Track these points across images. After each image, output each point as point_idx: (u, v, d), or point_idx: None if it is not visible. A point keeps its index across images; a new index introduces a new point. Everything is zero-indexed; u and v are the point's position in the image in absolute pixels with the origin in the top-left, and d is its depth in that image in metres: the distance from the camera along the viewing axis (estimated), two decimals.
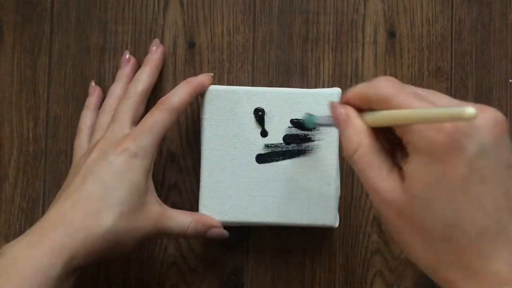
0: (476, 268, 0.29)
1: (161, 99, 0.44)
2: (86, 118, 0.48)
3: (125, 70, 0.48)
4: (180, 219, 0.43)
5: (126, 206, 0.41)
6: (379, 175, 0.31)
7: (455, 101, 0.31)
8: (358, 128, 0.32)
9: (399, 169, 0.31)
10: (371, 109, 0.33)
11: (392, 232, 0.32)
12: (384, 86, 0.32)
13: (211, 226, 0.44)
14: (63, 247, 0.38)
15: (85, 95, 0.49)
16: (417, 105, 0.30)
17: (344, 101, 0.34)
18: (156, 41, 0.49)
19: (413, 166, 0.30)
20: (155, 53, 0.48)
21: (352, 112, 0.33)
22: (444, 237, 0.29)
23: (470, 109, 0.26)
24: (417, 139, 0.29)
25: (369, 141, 0.32)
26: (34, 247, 0.38)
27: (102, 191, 0.41)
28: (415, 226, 0.30)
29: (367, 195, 0.49)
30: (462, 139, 0.28)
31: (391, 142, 0.33)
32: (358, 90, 0.33)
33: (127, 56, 0.49)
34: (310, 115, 0.41)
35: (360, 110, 0.33)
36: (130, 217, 0.41)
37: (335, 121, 0.34)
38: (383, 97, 0.31)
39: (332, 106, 0.35)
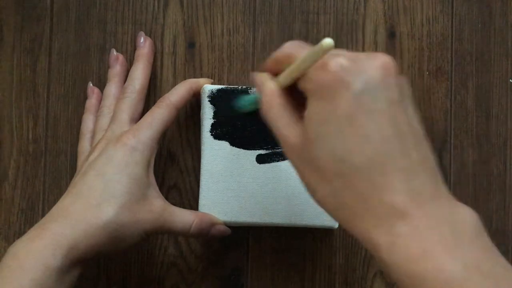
0: (372, 202, 0.29)
1: (160, 98, 0.45)
2: (88, 121, 0.48)
3: (116, 68, 0.48)
4: (183, 216, 0.43)
5: (127, 198, 0.41)
6: (287, 126, 0.33)
7: (355, 52, 0.33)
8: (269, 89, 0.35)
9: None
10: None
11: (300, 177, 0.33)
12: (286, 46, 0.35)
13: (215, 224, 0.45)
14: (64, 238, 0.38)
15: (85, 95, 0.49)
16: (303, 53, 0.32)
17: (263, 70, 0.37)
18: (142, 33, 0.49)
19: (308, 109, 0.32)
20: (144, 47, 0.48)
21: (265, 76, 0.36)
22: (337, 173, 0.30)
23: (327, 40, 0.30)
24: (309, 83, 0.32)
25: (279, 99, 0.34)
26: (35, 240, 0.38)
27: (103, 184, 0.41)
28: (312, 166, 0.32)
29: None
30: (347, 77, 0.30)
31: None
32: (272, 56, 0.36)
33: (115, 54, 0.49)
34: (243, 97, 0.44)
35: (278, 74, 0.36)
36: (132, 209, 0.41)
37: (256, 88, 0.37)
38: (286, 56, 0.34)
39: (252, 75, 0.38)
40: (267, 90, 0.35)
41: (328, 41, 0.30)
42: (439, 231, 0.28)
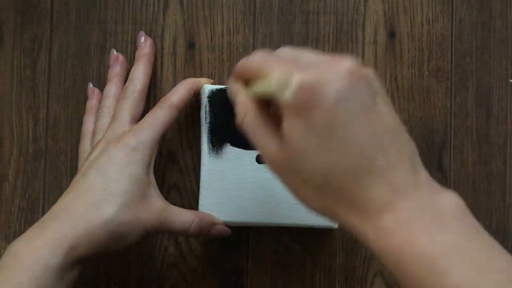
0: (360, 200, 0.31)
1: (161, 99, 0.45)
2: (89, 122, 0.48)
3: (116, 68, 0.48)
4: (183, 215, 0.43)
5: (128, 197, 0.41)
6: (264, 138, 0.34)
7: (319, 57, 0.33)
8: (243, 100, 0.35)
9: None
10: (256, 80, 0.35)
11: (283, 184, 0.34)
12: (254, 57, 0.35)
13: (215, 224, 0.45)
14: (64, 237, 0.38)
15: (85, 95, 0.49)
16: (274, 69, 0.32)
17: (236, 76, 0.37)
18: (142, 33, 0.49)
19: (286, 124, 0.32)
20: (145, 47, 0.48)
21: (238, 86, 0.36)
22: (324, 183, 0.32)
23: (287, 93, 0.30)
24: (284, 101, 0.32)
25: (253, 111, 0.34)
26: (35, 239, 0.38)
27: (103, 183, 0.41)
28: (298, 178, 0.33)
29: None
30: (319, 90, 0.30)
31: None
32: (240, 65, 0.36)
33: (115, 54, 0.49)
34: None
35: (249, 81, 0.36)
36: (132, 208, 0.41)
37: (231, 96, 0.37)
38: (254, 69, 0.34)
39: (228, 82, 0.38)
40: (241, 103, 0.35)
41: (287, 96, 0.30)
42: (420, 217, 0.30)
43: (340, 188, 0.31)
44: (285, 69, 0.31)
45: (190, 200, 0.49)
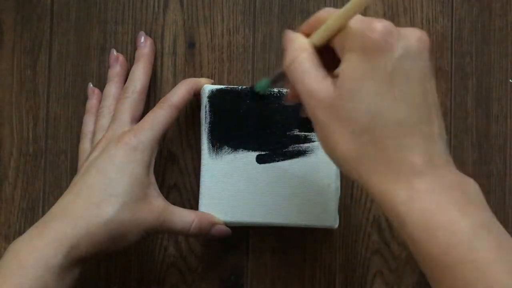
0: (393, 159, 0.32)
1: (162, 99, 0.45)
2: (89, 122, 0.48)
3: (116, 68, 0.48)
4: (184, 215, 0.43)
5: (128, 196, 0.41)
6: (314, 80, 0.34)
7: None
8: (298, 44, 0.35)
9: (334, 76, 0.34)
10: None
11: (321, 131, 0.34)
12: (322, 11, 0.36)
13: (215, 224, 0.45)
14: (65, 236, 0.38)
15: (85, 95, 0.49)
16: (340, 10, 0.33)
17: (298, 29, 0.37)
18: (142, 33, 0.49)
19: (345, 64, 0.33)
20: (145, 47, 0.48)
21: (298, 34, 0.36)
22: (368, 127, 0.32)
23: None
24: (352, 39, 0.32)
25: (307, 54, 0.35)
26: (36, 238, 0.39)
27: (104, 182, 0.41)
28: (342, 119, 0.33)
29: (367, 195, 0.49)
30: (392, 40, 0.31)
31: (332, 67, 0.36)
32: (306, 22, 0.37)
33: (115, 54, 0.49)
34: (261, 80, 0.44)
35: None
36: (133, 208, 0.41)
37: (284, 44, 0.37)
38: (323, 17, 0.35)
39: (284, 32, 0.37)
40: (297, 45, 0.35)
41: None
42: (451, 192, 0.31)
43: (379, 138, 0.32)
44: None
45: (190, 200, 0.49)
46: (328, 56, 0.35)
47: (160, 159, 0.49)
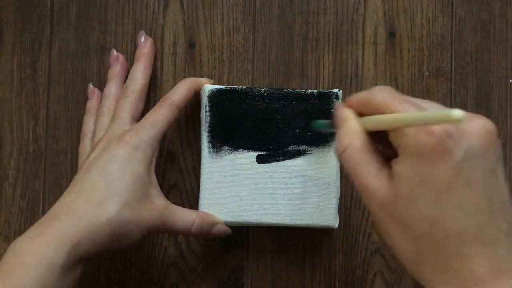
0: (454, 268, 0.30)
1: (162, 98, 0.45)
2: (89, 122, 0.48)
3: (116, 68, 0.48)
4: (185, 215, 0.44)
5: (130, 195, 0.41)
6: (368, 173, 0.33)
7: (446, 108, 0.32)
8: (352, 129, 0.34)
9: (389, 168, 0.33)
10: (370, 115, 0.34)
11: (378, 227, 0.33)
12: (381, 93, 0.34)
13: (216, 224, 0.45)
14: (67, 235, 0.38)
15: (85, 95, 0.49)
16: (408, 110, 0.31)
17: (347, 105, 0.36)
18: (142, 33, 0.49)
19: (402, 166, 0.31)
20: (145, 46, 0.48)
21: (350, 114, 0.35)
22: (426, 235, 0.31)
23: (457, 111, 0.27)
24: (408, 141, 0.31)
25: (360, 142, 0.33)
26: (37, 237, 0.38)
27: (105, 181, 0.41)
28: (399, 222, 0.31)
29: None
30: (450, 143, 0.29)
31: (385, 147, 0.34)
32: (357, 96, 0.35)
33: (115, 53, 0.49)
34: (319, 121, 0.43)
35: (361, 115, 0.35)
36: (134, 207, 0.41)
37: (335, 121, 0.36)
38: (379, 103, 0.33)
39: (337, 106, 0.36)
40: (349, 129, 0.34)
41: (457, 114, 0.27)
42: None
43: (438, 247, 0.30)
44: (434, 108, 0.31)
45: (190, 200, 0.49)
46: (383, 135, 0.33)
47: (160, 158, 0.49)
